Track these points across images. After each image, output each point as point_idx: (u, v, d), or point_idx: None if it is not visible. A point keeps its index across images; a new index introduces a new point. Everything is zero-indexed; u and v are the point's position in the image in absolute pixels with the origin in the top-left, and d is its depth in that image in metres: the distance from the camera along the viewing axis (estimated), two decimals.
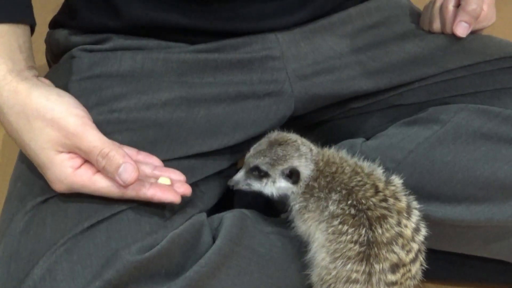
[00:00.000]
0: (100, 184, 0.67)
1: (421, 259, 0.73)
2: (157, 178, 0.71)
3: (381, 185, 0.73)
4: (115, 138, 0.74)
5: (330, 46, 0.88)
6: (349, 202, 0.72)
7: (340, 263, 0.70)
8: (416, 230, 0.73)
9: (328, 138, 0.85)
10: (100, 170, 0.66)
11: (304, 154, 0.75)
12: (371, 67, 0.88)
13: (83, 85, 0.80)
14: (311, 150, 0.76)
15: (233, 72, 0.85)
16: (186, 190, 0.71)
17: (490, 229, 0.80)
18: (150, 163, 0.74)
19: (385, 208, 0.71)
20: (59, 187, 0.68)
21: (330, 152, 0.77)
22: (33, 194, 0.71)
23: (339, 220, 0.71)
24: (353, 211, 0.71)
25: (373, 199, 0.72)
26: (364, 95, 0.89)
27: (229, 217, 0.75)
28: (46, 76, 0.88)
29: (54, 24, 0.93)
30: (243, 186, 0.77)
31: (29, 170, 0.74)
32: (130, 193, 0.67)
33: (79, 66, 0.83)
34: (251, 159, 0.76)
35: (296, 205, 0.75)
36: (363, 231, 0.70)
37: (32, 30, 0.75)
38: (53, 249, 0.65)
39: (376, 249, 0.70)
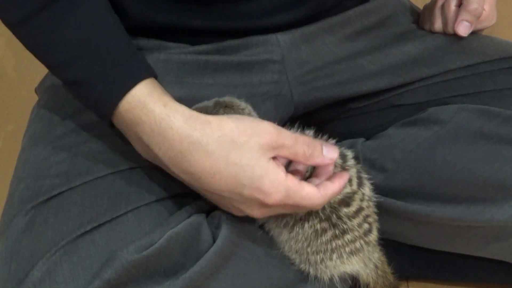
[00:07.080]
0: (307, 188, 0.65)
1: (366, 178, 0.74)
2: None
3: None
4: (115, 139, 0.74)
5: (330, 49, 0.88)
6: None
7: (298, 227, 0.71)
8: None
9: (327, 138, 0.84)
10: (305, 160, 0.66)
11: None
12: (371, 70, 0.88)
13: None
14: None
15: (234, 75, 0.84)
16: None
17: (490, 229, 0.80)
18: None
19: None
20: (275, 197, 0.65)
21: None
22: (35, 193, 0.71)
23: None
24: None
25: None
26: (364, 96, 0.89)
27: (229, 216, 0.75)
28: (46, 77, 0.88)
29: None
30: None
31: (30, 170, 0.74)
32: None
33: None
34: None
35: None
36: None
37: None
38: (53, 250, 0.66)
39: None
